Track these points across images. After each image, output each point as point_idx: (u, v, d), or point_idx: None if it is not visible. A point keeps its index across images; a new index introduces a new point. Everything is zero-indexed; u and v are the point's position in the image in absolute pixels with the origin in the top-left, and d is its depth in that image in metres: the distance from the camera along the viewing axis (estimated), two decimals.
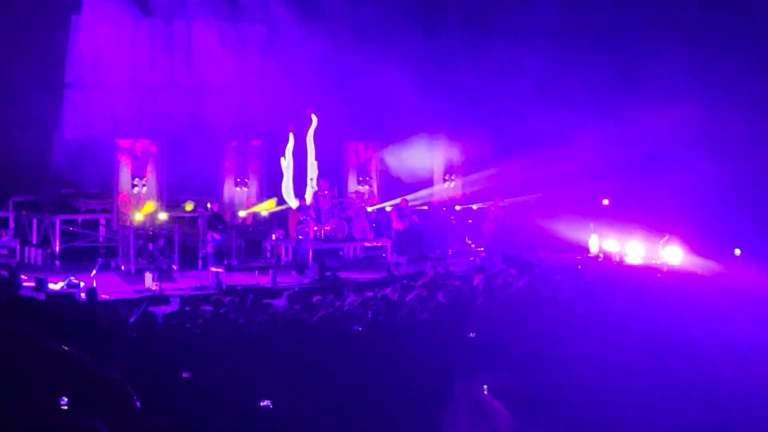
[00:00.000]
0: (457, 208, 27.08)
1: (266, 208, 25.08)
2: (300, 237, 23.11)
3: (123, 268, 22.16)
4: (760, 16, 25.07)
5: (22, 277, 19.37)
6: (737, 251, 23.05)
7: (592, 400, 9.63)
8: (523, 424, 9.28)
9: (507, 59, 26.41)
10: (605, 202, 26.35)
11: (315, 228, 23.64)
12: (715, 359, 10.92)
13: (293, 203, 24.67)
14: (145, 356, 10.49)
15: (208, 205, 23.21)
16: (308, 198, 24.70)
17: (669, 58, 25.79)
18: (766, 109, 24.64)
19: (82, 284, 18.67)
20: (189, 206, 24.17)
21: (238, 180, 25.43)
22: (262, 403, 9.28)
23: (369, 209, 26.04)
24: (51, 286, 18.70)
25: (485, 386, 11.41)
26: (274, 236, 24.21)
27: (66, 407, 7.26)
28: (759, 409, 9.55)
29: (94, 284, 18.35)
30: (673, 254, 23.56)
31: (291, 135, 25.27)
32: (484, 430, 9.45)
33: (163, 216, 22.94)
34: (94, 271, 19.69)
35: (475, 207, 27.09)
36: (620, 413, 9.30)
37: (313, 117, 25.39)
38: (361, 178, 27.19)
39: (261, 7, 27.38)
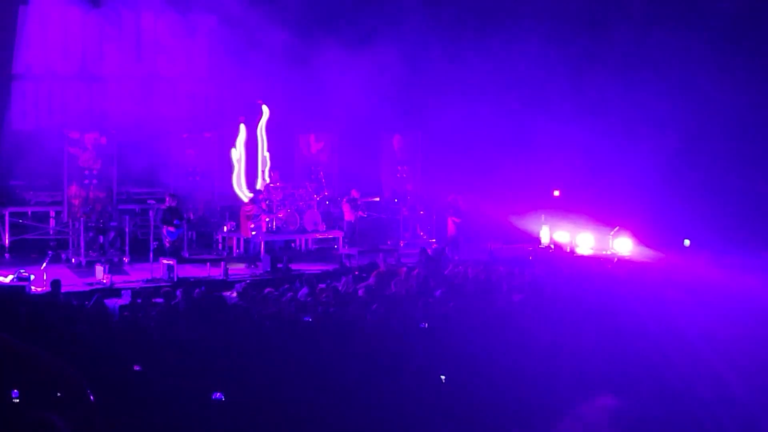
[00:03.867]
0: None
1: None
2: (254, 233, 23.02)
3: (73, 260, 22.00)
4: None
5: None
6: (686, 242, 23.39)
7: (541, 387, 9.77)
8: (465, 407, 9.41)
9: (459, 51, 26.46)
10: (556, 193, 26.55)
11: (267, 220, 23.63)
12: (663, 346, 11.11)
13: (245, 196, 24.59)
14: (97, 349, 10.46)
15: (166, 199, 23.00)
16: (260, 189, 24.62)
17: (618, 50, 26.00)
18: (716, 101, 24.91)
19: (32, 277, 18.52)
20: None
21: (190, 172, 25.32)
22: (214, 396, 9.30)
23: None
24: (1, 279, 18.54)
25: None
26: (225, 228, 24.13)
27: (19, 401, 7.23)
28: (705, 393, 9.74)
29: (45, 276, 18.23)
30: (623, 245, 23.85)
31: (242, 126, 25.16)
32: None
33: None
34: (44, 264, 19.53)
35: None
36: (570, 400, 9.43)
37: (264, 108, 25.28)
38: (313, 169, 27.14)
39: None
